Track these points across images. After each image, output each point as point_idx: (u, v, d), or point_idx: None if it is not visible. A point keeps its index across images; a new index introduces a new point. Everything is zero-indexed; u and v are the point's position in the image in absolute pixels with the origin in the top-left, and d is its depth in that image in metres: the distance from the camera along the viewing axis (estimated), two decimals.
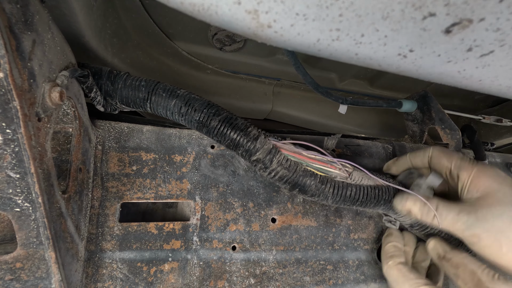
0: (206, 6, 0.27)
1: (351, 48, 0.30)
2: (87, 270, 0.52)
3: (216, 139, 0.55)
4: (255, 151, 0.53)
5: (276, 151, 0.54)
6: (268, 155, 0.53)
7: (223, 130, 0.53)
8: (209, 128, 0.53)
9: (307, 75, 0.58)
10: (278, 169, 0.54)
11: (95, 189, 0.54)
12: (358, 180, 0.58)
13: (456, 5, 0.26)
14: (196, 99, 0.53)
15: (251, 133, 0.54)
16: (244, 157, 0.55)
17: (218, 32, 0.75)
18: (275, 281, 0.59)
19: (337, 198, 0.56)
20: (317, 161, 0.56)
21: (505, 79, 0.34)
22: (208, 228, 0.58)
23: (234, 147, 0.54)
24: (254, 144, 0.53)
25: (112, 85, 0.53)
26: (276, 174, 0.54)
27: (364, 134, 1.12)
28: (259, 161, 0.54)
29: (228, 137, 0.53)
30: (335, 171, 0.56)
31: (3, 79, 0.31)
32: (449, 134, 0.75)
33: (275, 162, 0.53)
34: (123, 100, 0.54)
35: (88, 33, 0.56)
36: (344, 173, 0.57)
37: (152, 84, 0.53)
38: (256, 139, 0.53)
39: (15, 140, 0.34)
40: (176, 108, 0.53)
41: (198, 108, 0.53)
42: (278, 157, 0.54)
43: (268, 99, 1.01)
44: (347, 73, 0.96)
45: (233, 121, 0.53)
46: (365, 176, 0.58)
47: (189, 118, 0.53)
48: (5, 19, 0.31)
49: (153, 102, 0.53)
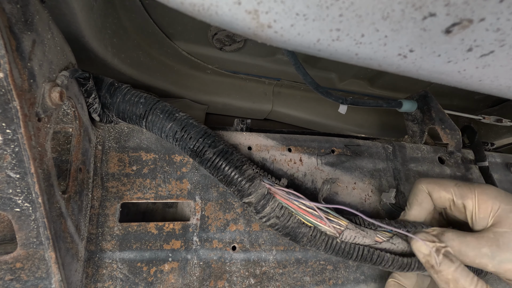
0: (206, 6, 0.27)
1: (351, 48, 0.30)
2: (87, 270, 0.52)
3: (209, 171, 0.53)
4: (248, 194, 0.52)
5: (270, 197, 0.52)
6: (261, 200, 0.52)
7: (218, 163, 0.51)
8: (202, 159, 0.52)
9: (307, 75, 0.58)
10: (270, 215, 0.52)
11: (95, 189, 0.54)
12: (350, 239, 0.54)
13: (456, 5, 0.26)
14: (193, 126, 0.52)
15: (246, 173, 0.52)
16: (236, 195, 0.54)
17: (218, 32, 0.75)
18: (275, 281, 0.59)
19: (330, 252, 0.55)
20: (307, 213, 0.54)
21: (505, 79, 0.34)
22: (208, 228, 0.58)
23: (226, 183, 0.53)
24: (248, 186, 0.51)
25: (110, 97, 0.52)
26: (268, 220, 0.53)
27: (364, 134, 1.12)
28: (250, 204, 0.52)
29: (222, 172, 0.51)
30: (325, 227, 0.54)
31: (3, 79, 0.31)
32: (449, 134, 0.75)
33: (268, 209, 0.52)
34: (120, 115, 0.53)
35: (88, 33, 0.56)
36: (333, 230, 0.54)
37: (151, 102, 0.52)
38: (251, 180, 0.52)
39: (15, 140, 0.34)
40: (171, 132, 0.51)
41: (194, 136, 0.51)
42: (272, 204, 0.52)
43: (268, 99, 1.01)
44: (347, 73, 0.96)
45: (228, 155, 0.51)
46: (360, 234, 0.55)
47: (183, 145, 0.52)
48: (5, 19, 0.31)
49: (149, 122, 0.52)
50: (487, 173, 0.76)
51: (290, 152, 0.67)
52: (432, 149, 0.78)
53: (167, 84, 0.86)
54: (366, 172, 0.70)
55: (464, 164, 0.79)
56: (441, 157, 0.78)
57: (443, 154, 0.78)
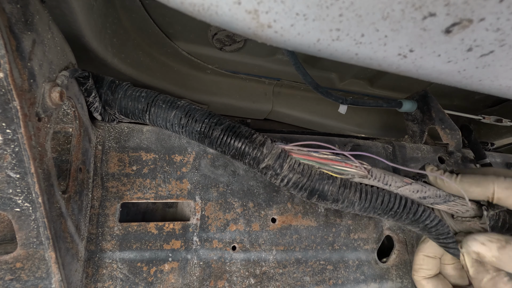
0: (206, 6, 0.27)
1: (351, 48, 0.30)
2: (87, 270, 0.52)
3: (220, 150, 0.52)
4: (263, 158, 0.50)
5: (285, 155, 0.50)
6: (277, 160, 0.49)
7: (227, 139, 0.50)
8: (211, 138, 0.51)
9: (307, 75, 0.58)
10: (290, 175, 0.49)
11: (95, 189, 0.54)
12: (381, 179, 0.50)
13: (456, 5, 0.26)
14: (197, 110, 0.51)
15: (257, 140, 0.50)
16: (252, 166, 0.51)
17: (218, 32, 0.75)
18: (275, 281, 0.59)
19: (366, 204, 0.49)
20: (330, 160, 0.50)
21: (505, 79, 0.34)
22: (208, 228, 0.58)
23: (240, 156, 0.51)
24: (261, 151, 0.49)
25: (112, 94, 0.52)
26: (289, 180, 0.50)
27: (364, 134, 1.12)
28: (269, 167, 0.50)
29: (233, 146, 0.50)
30: (351, 169, 0.50)
31: (3, 79, 0.31)
32: (449, 134, 0.75)
33: (286, 168, 0.49)
34: (122, 111, 0.53)
35: (88, 33, 0.56)
36: (362, 171, 0.50)
37: (153, 95, 0.52)
38: (263, 145, 0.50)
39: (15, 140, 0.34)
40: (176, 119, 0.51)
41: (199, 118, 0.50)
42: (289, 162, 0.49)
43: (268, 99, 1.01)
44: (347, 73, 0.96)
45: (236, 129, 0.51)
46: (386, 173, 0.51)
47: (190, 129, 0.51)
48: (5, 19, 0.31)
49: (152, 114, 0.52)
50: None
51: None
52: (432, 149, 0.78)
53: (167, 84, 0.86)
54: None
55: (464, 164, 0.79)
56: (441, 157, 0.78)
57: (443, 154, 0.78)
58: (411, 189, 0.52)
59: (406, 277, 0.67)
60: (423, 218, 0.51)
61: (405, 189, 0.51)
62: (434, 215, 0.52)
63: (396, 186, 0.51)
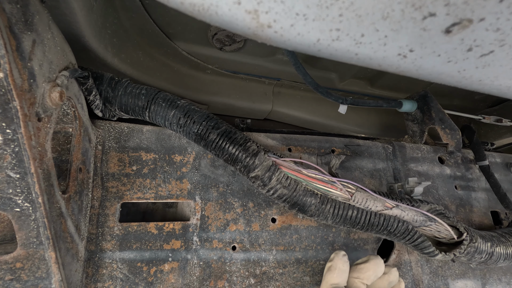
0: (206, 6, 0.27)
1: (351, 48, 0.30)
2: (87, 270, 0.52)
3: (214, 153, 0.54)
4: (253, 168, 0.52)
5: (275, 168, 0.53)
6: (267, 172, 0.52)
7: (222, 144, 0.52)
8: (207, 141, 0.53)
9: (307, 75, 0.58)
10: (277, 187, 0.53)
11: (95, 189, 0.54)
12: (362, 203, 0.55)
13: (456, 5, 0.26)
14: (196, 111, 0.53)
15: (250, 148, 0.53)
16: (242, 172, 0.54)
17: (218, 32, 0.75)
18: (275, 281, 0.59)
19: (337, 219, 0.55)
20: (317, 180, 0.55)
21: (505, 79, 0.34)
22: (208, 228, 0.58)
23: (232, 162, 0.54)
24: (253, 160, 0.52)
25: (112, 91, 0.53)
26: (275, 192, 0.53)
27: (364, 134, 1.12)
28: (257, 178, 0.53)
29: (227, 151, 0.52)
30: (336, 191, 0.55)
31: (3, 79, 0.31)
32: (449, 134, 0.75)
33: (274, 180, 0.53)
34: (122, 108, 0.54)
35: (88, 33, 0.56)
36: (345, 194, 0.55)
37: (153, 93, 0.53)
38: (256, 155, 0.52)
39: (15, 140, 0.34)
40: (174, 119, 0.52)
41: (197, 120, 0.52)
42: (278, 175, 0.53)
43: (268, 99, 1.01)
44: (347, 73, 0.96)
45: (232, 135, 0.53)
46: (370, 197, 0.55)
47: (187, 130, 0.53)
48: (5, 19, 0.31)
49: (152, 111, 0.53)
50: (488, 172, 0.76)
51: (290, 152, 0.67)
52: (432, 149, 0.78)
53: (167, 84, 0.86)
54: (366, 172, 0.70)
55: (464, 164, 0.79)
56: (441, 157, 0.78)
57: (443, 154, 0.78)
58: (390, 213, 0.57)
59: (406, 277, 0.67)
60: (385, 226, 0.56)
61: (385, 213, 0.57)
62: (393, 220, 0.57)
63: (376, 210, 0.56)
